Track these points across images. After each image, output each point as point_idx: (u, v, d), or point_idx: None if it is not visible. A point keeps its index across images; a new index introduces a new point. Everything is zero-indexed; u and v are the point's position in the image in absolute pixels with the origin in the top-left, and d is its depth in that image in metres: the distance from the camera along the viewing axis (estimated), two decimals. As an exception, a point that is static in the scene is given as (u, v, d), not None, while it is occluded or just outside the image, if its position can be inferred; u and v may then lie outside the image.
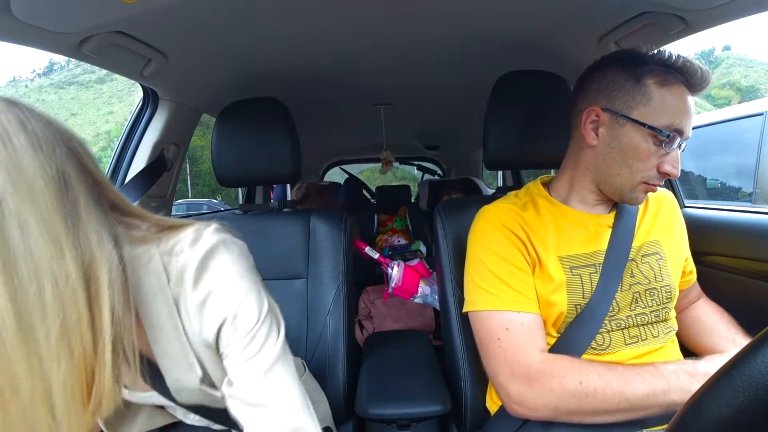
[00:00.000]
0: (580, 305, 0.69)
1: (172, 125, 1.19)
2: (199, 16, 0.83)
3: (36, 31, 0.71)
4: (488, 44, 1.05)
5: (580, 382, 0.62)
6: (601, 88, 0.70)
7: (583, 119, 0.71)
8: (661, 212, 0.79)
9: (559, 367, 0.64)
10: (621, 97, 0.68)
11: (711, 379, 0.30)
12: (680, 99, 0.66)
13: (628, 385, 0.60)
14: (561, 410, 0.63)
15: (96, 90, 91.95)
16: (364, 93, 1.57)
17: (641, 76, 0.66)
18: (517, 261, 0.71)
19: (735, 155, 2.69)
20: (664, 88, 0.66)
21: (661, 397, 0.59)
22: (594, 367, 0.63)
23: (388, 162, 2.23)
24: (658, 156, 0.66)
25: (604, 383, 0.61)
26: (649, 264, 0.73)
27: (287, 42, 1.01)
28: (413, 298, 1.30)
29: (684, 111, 0.65)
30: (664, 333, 0.72)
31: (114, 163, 1.19)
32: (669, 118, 0.65)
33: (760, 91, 73.69)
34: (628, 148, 0.68)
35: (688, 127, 0.66)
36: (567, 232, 0.73)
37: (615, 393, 0.60)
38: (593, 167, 0.73)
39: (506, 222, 0.73)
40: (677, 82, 0.66)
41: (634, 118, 0.66)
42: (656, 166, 0.67)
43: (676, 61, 0.66)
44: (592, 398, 0.61)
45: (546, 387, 0.63)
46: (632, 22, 0.86)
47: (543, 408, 0.64)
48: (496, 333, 0.69)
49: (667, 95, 0.65)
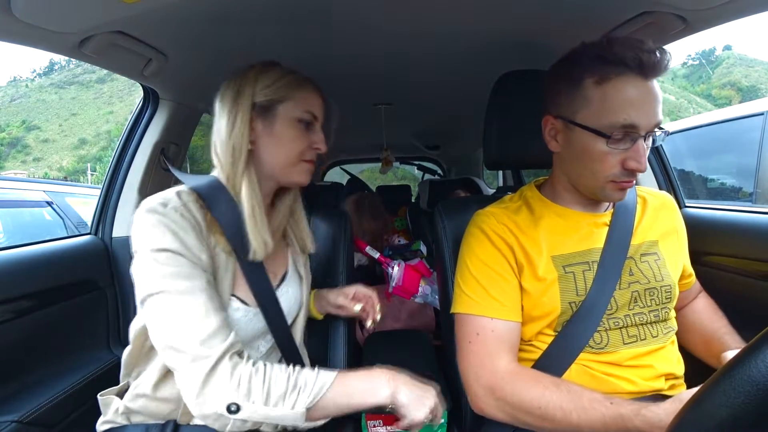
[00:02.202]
0: (575, 303, 0.70)
1: (173, 125, 1.20)
2: (199, 16, 0.83)
3: (36, 31, 0.71)
4: (488, 44, 1.05)
5: (539, 407, 0.62)
6: (550, 96, 0.72)
7: (543, 127, 0.74)
8: (660, 214, 0.79)
9: (522, 387, 0.65)
10: (565, 103, 0.68)
11: (711, 379, 0.30)
12: (624, 92, 0.62)
13: (588, 423, 0.60)
14: (519, 422, 0.66)
15: (96, 90, 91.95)
16: (365, 93, 1.57)
17: (578, 78, 0.66)
18: (500, 268, 0.72)
19: (735, 155, 2.69)
20: (604, 84, 0.63)
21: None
22: (558, 395, 0.62)
23: (388, 162, 2.23)
24: (620, 153, 0.65)
25: (563, 415, 0.61)
26: (649, 263, 0.73)
27: (287, 42, 1.01)
28: (414, 297, 1.30)
29: (632, 103, 0.62)
30: (664, 333, 0.72)
31: (114, 162, 1.19)
32: (613, 116, 0.63)
33: (760, 90, 73.61)
34: (582, 152, 0.68)
35: (644, 117, 0.62)
36: (561, 231, 0.74)
37: (572, 426, 0.60)
38: (563, 171, 0.75)
39: (495, 228, 0.75)
40: (619, 73, 0.62)
41: (578, 122, 0.66)
42: (621, 163, 0.65)
43: (613, 50, 0.62)
44: (549, 423, 0.62)
45: (507, 400, 0.65)
46: (632, 22, 0.86)
47: (502, 417, 0.67)
48: (468, 336, 0.72)
49: (609, 92, 0.63)
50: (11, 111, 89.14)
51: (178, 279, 0.59)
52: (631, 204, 0.77)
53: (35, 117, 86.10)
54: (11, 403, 0.83)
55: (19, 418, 0.80)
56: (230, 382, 0.56)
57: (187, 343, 0.57)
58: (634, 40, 0.63)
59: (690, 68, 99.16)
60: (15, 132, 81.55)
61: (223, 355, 0.58)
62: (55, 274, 0.98)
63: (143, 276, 0.61)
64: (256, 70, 0.72)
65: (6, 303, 0.86)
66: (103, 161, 47.26)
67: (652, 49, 0.61)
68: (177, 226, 0.61)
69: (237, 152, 0.68)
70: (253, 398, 0.57)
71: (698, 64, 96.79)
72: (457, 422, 0.89)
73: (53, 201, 2.92)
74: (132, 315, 1.17)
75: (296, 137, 0.72)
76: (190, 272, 0.60)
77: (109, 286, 1.12)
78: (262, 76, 0.71)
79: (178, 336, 0.57)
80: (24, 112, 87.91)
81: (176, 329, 0.58)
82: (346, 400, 0.61)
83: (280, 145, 0.71)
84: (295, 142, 0.72)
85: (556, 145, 0.73)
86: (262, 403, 0.57)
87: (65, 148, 79.76)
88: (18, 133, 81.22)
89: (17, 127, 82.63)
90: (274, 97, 0.70)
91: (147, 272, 0.60)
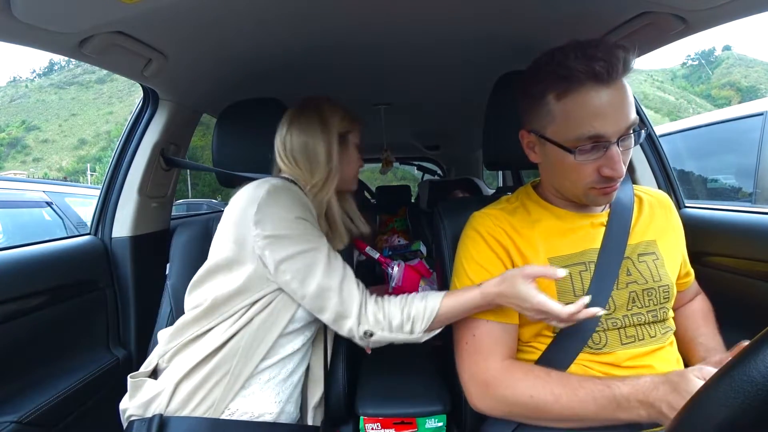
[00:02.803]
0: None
1: (172, 125, 1.19)
2: (199, 16, 0.83)
3: (36, 32, 0.71)
4: (488, 44, 1.05)
5: (531, 396, 0.64)
6: (522, 110, 0.73)
7: (521, 140, 0.75)
8: (657, 213, 0.79)
9: (514, 378, 0.67)
10: (534, 118, 0.69)
11: (711, 379, 0.30)
12: (585, 105, 0.61)
13: (580, 405, 0.62)
14: (514, 416, 0.68)
15: (96, 90, 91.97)
16: (365, 93, 1.57)
17: (541, 94, 0.66)
18: (496, 270, 0.73)
19: (735, 155, 2.69)
20: (564, 100, 0.63)
21: (611, 417, 0.61)
22: (548, 382, 0.64)
23: (388, 162, 2.22)
24: (593, 162, 0.64)
25: (555, 399, 0.63)
26: (647, 263, 0.73)
27: (287, 42, 1.01)
28: (413, 298, 1.30)
29: (595, 114, 0.61)
30: (662, 333, 0.72)
31: (114, 163, 1.18)
32: (578, 130, 0.62)
33: (760, 91, 73.68)
34: (557, 164, 0.69)
35: (610, 124, 0.61)
36: (558, 233, 0.74)
37: (564, 409, 0.63)
38: (547, 179, 0.77)
39: (490, 230, 0.76)
40: (578, 86, 0.61)
41: (548, 137, 0.67)
42: (597, 171, 0.65)
43: (566, 64, 0.61)
44: (542, 412, 0.64)
45: (499, 394, 0.68)
46: (632, 22, 0.86)
47: (498, 412, 0.69)
48: (465, 337, 0.74)
49: (569, 106, 0.62)
50: (11, 111, 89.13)
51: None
52: (628, 204, 0.77)
53: (35, 117, 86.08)
54: (11, 403, 0.83)
55: (18, 418, 0.80)
56: (365, 316, 0.72)
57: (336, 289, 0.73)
58: (587, 49, 0.61)
59: (689, 68, 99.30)
60: (15, 132, 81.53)
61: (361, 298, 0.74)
62: (54, 274, 0.98)
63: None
64: (330, 102, 0.90)
65: (6, 303, 0.86)
66: (103, 161, 47.28)
67: (605, 55, 0.60)
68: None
69: (333, 174, 0.85)
70: (381, 326, 0.72)
71: (698, 64, 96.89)
72: (457, 422, 0.89)
73: (53, 201, 2.92)
74: (132, 315, 1.18)
75: (357, 158, 0.95)
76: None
77: (108, 286, 1.12)
78: (337, 109, 0.89)
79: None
80: (24, 112, 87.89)
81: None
82: (455, 314, 0.73)
83: (349, 165, 0.92)
84: (356, 162, 0.95)
85: (536, 156, 0.75)
86: (387, 331, 0.72)
87: (65, 148, 79.74)
88: (18, 134, 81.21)
89: (17, 128, 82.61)
90: (348, 129, 0.90)
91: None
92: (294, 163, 0.85)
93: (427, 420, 0.89)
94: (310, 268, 0.71)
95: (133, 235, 1.16)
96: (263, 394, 0.73)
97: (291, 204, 0.74)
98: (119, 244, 1.15)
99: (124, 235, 1.15)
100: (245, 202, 0.75)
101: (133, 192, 1.16)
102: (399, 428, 0.89)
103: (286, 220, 0.72)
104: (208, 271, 0.77)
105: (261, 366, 0.73)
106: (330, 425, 0.89)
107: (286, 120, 0.88)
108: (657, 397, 0.58)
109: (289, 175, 0.85)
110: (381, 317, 0.72)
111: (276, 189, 0.74)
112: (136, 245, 1.15)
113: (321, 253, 0.73)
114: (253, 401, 0.72)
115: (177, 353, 0.74)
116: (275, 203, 0.73)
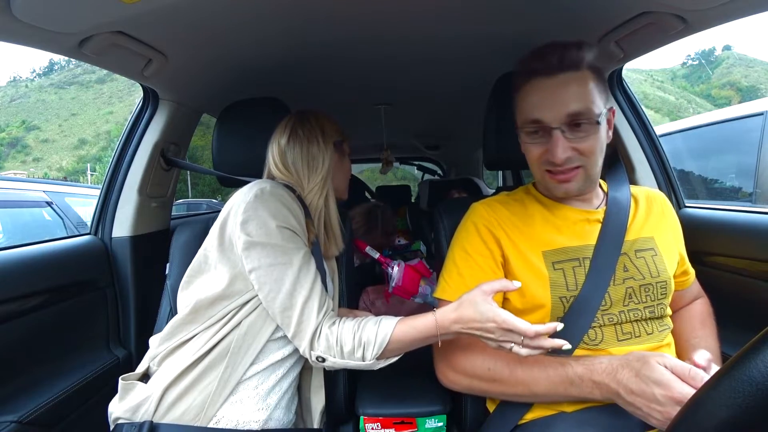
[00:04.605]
0: (566, 298, 0.70)
1: (172, 125, 1.19)
2: (199, 16, 0.83)
3: (36, 32, 0.71)
4: (488, 44, 1.05)
5: (488, 368, 0.70)
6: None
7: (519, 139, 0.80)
8: (653, 210, 0.80)
9: (475, 355, 0.72)
10: (516, 116, 0.78)
11: (711, 379, 0.30)
12: (531, 94, 0.72)
13: (533, 381, 0.66)
14: (475, 389, 0.74)
15: (96, 90, 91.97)
16: (365, 93, 1.57)
17: (515, 93, 0.76)
18: (483, 260, 0.76)
19: (735, 155, 2.69)
20: (520, 92, 0.74)
21: (564, 394, 0.65)
22: (505, 356, 0.69)
23: (388, 162, 2.22)
24: (541, 146, 0.72)
25: (509, 373, 0.68)
26: (645, 259, 0.73)
27: (287, 42, 1.01)
28: (413, 298, 1.30)
29: (536, 103, 0.71)
30: (659, 331, 0.72)
31: (114, 162, 1.19)
32: (525, 115, 0.73)
33: (760, 90, 73.68)
34: (524, 152, 0.78)
35: (548, 110, 0.69)
36: (553, 227, 0.75)
37: (519, 383, 0.67)
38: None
39: (484, 219, 0.78)
40: (527, 79, 0.72)
41: (517, 126, 0.77)
42: (546, 155, 0.72)
43: (526, 62, 0.72)
44: (498, 384, 0.70)
45: (460, 367, 0.73)
46: (632, 22, 0.86)
47: (459, 385, 0.75)
48: None
49: (522, 97, 0.74)
50: (11, 111, 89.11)
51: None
52: (625, 201, 0.78)
53: (35, 117, 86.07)
54: (11, 403, 0.83)
55: (18, 418, 0.80)
56: (317, 341, 0.71)
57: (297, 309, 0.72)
58: (542, 49, 0.71)
59: (690, 68, 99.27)
60: (15, 132, 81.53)
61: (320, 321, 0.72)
62: (54, 274, 0.98)
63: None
64: (324, 113, 0.91)
65: (6, 303, 0.86)
66: (103, 161, 47.22)
67: (549, 53, 0.69)
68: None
69: (326, 181, 0.86)
70: (332, 352, 0.70)
71: (698, 64, 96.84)
72: (457, 422, 0.89)
73: (53, 201, 2.92)
74: (132, 315, 1.18)
75: (349, 167, 0.97)
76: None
77: (108, 286, 1.12)
78: (332, 120, 0.90)
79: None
80: (24, 112, 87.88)
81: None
82: (409, 340, 0.70)
83: (343, 172, 0.94)
84: (349, 171, 0.97)
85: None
86: (339, 357, 0.70)
87: (65, 148, 79.74)
88: (18, 134, 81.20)
89: (17, 128, 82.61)
90: (342, 138, 0.91)
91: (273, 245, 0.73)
92: (293, 171, 0.85)
93: (427, 420, 0.89)
94: (277, 283, 0.70)
95: (133, 235, 1.16)
96: (251, 401, 0.72)
97: (276, 210, 0.73)
98: (119, 244, 1.15)
99: (124, 235, 1.15)
100: (235, 204, 0.75)
101: (133, 192, 1.16)
102: (399, 428, 0.89)
103: (267, 228, 0.71)
104: (194, 270, 0.78)
105: (249, 372, 0.73)
106: (330, 425, 0.88)
107: (287, 131, 0.87)
108: (616, 380, 0.59)
109: (283, 180, 0.84)
110: (333, 342, 0.70)
111: (263, 193, 0.74)
112: (136, 245, 1.16)
113: (291, 269, 0.71)
114: (240, 409, 0.71)
115: (166, 357, 0.73)
116: (262, 207, 0.72)
